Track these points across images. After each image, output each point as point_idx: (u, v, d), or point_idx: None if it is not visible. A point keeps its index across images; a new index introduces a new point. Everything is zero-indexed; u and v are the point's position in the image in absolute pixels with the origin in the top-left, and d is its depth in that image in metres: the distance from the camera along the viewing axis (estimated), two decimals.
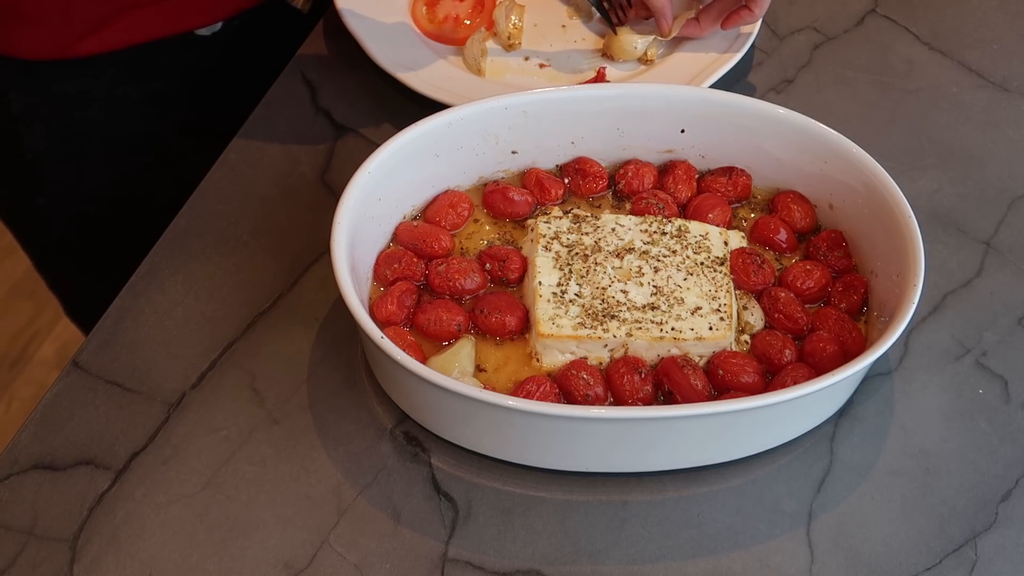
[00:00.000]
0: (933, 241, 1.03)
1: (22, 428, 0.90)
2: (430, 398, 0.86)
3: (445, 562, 0.84)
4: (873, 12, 1.28)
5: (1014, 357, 0.97)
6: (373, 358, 0.91)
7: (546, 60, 1.20)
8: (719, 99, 1.01)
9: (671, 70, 1.17)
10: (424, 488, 0.87)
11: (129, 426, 0.90)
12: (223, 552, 0.84)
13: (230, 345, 0.95)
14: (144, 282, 0.99)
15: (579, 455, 0.86)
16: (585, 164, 1.02)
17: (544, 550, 0.85)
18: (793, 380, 0.88)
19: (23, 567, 0.83)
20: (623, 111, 1.01)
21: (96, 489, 0.87)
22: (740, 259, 0.95)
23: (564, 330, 0.89)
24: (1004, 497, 0.89)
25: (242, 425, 0.90)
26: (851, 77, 1.21)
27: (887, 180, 0.94)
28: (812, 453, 0.90)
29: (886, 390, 0.94)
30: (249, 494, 0.87)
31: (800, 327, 0.93)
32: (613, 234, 0.95)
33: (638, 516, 0.87)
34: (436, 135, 0.97)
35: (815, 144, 0.99)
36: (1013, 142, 1.14)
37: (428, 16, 1.22)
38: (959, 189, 1.10)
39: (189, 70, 1.23)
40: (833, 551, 0.85)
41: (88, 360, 0.94)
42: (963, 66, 1.22)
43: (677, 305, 0.91)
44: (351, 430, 0.90)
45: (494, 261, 0.95)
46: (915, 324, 0.98)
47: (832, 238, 0.98)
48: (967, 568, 0.85)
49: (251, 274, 1.00)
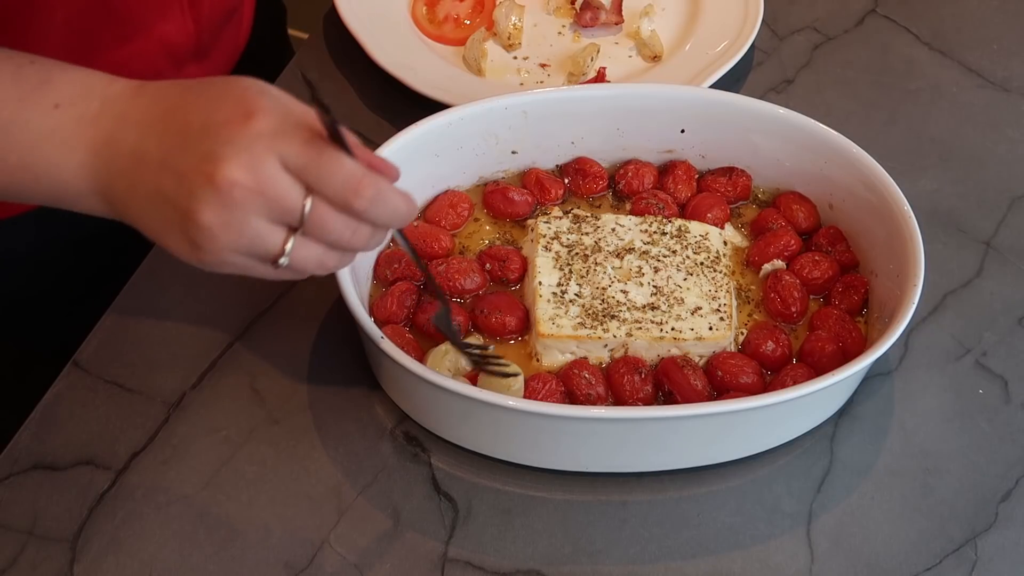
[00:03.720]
0: (933, 241, 1.03)
1: (22, 428, 0.89)
2: (430, 398, 0.86)
3: (445, 562, 0.84)
4: (873, 12, 1.28)
5: (1014, 357, 0.97)
6: (373, 358, 0.91)
7: (546, 60, 1.20)
8: (719, 99, 1.01)
9: (671, 70, 1.17)
10: (424, 488, 0.87)
11: (129, 426, 0.90)
12: (223, 552, 0.84)
13: (230, 345, 0.95)
14: (144, 282, 0.99)
15: (579, 455, 0.86)
16: (585, 164, 1.02)
17: (544, 550, 0.85)
18: (793, 380, 0.88)
19: (23, 567, 0.83)
20: (623, 111, 1.01)
21: (96, 489, 0.87)
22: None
23: (564, 330, 0.89)
24: (1004, 497, 0.89)
25: (242, 425, 0.90)
26: (851, 77, 1.21)
27: (887, 180, 0.94)
28: (812, 453, 0.90)
29: (886, 390, 0.94)
30: (249, 494, 0.87)
31: (791, 313, 0.93)
32: (613, 234, 0.95)
33: (638, 516, 0.87)
34: (436, 135, 0.97)
35: (815, 144, 0.99)
36: (1013, 142, 1.14)
37: (428, 16, 1.22)
38: (959, 189, 1.10)
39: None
40: (833, 551, 0.85)
41: (88, 360, 0.94)
42: (963, 66, 1.22)
43: (677, 305, 0.91)
44: (351, 430, 0.90)
45: (494, 261, 0.95)
46: (915, 324, 0.98)
47: (832, 234, 0.98)
48: (967, 568, 0.85)
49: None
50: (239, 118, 0.68)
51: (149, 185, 0.70)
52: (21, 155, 0.72)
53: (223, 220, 0.68)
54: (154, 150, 0.70)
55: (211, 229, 0.68)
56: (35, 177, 0.72)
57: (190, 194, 0.68)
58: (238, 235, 0.68)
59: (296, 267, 0.71)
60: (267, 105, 0.69)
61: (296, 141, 0.68)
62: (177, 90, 0.73)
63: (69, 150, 0.72)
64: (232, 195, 0.67)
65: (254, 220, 0.68)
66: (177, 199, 0.68)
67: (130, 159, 0.71)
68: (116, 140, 0.71)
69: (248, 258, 0.70)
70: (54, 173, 0.72)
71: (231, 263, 0.71)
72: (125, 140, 0.71)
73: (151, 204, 0.70)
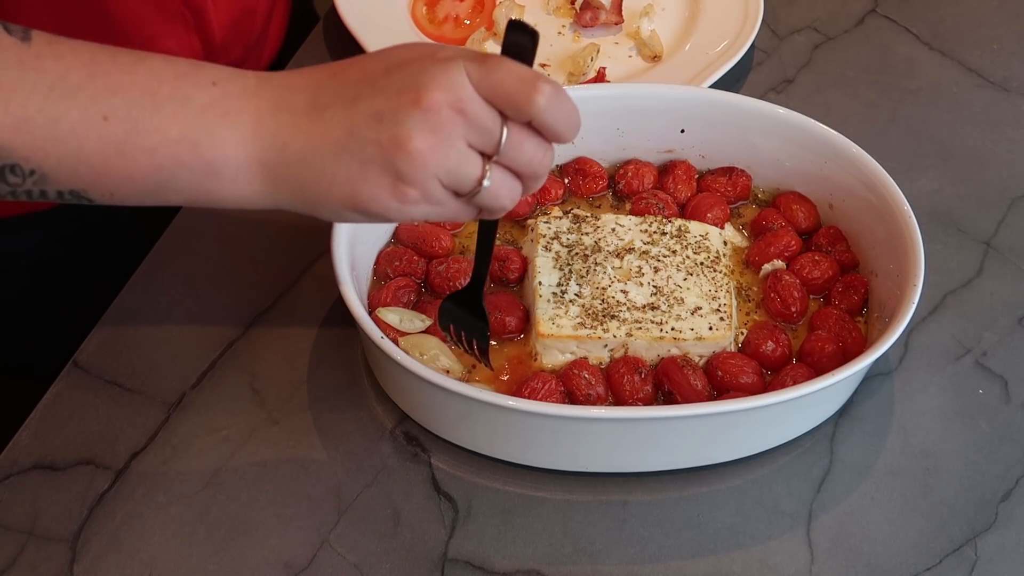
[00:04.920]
0: (933, 241, 1.03)
1: (22, 428, 0.89)
2: (430, 398, 0.86)
3: (445, 562, 0.84)
4: (873, 12, 1.28)
5: (1014, 357, 0.97)
6: (373, 358, 0.91)
7: (546, 60, 1.20)
8: (719, 99, 1.01)
9: (671, 70, 1.17)
10: (424, 488, 0.87)
11: (129, 426, 0.90)
12: (223, 552, 0.84)
13: (230, 345, 0.95)
14: (144, 282, 0.99)
15: (579, 455, 0.86)
16: (585, 164, 1.02)
17: (544, 550, 0.85)
18: (793, 380, 0.88)
19: (23, 567, 0.83)
20: (623, 111, 1.01)
21: (96, 489, 0.87)
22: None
23: (564, 330, 0.89)
24: (1004, 497, 0.89)
25: (242, 425, 0.90)
26: (851, 77, 1.21)
27: (887, 180, 0.94)
28: (812, 453, 0.90)
29: (886, 390, 0.94)
30: (249, 494, 0.87)
31: (791, 313, 0.93)
32: (613, 234, 0.95)
33: (638, 516, 0.87)
34: None
35: (815, 144, 0.99)
36: (1013, 142, 1.14)
37: (428, 16, 1.23)
38: (959, 189, 1.10)
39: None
40: (833, 551, 0.85)
41: (88, 360, 0.94)
42: (963, 66, 1.22)
43: (677, 305, 0.91)
44: (351, 430, 0.90)
45: (494, 261, 0.95)
46: (915, 324, 0.98)
47: (832, 234, 0.98)
48: (967, 568, 0.85)
49: (251, 274, 1.00)
50: (426, 54, 0.70)
51: (338, 131, 0.70)
52: (183, 128, 0.70)
53: (431, 143, 0.68)
54: (336, 99, 0.70)
55: (422, 154, 0.69)
56: (195, 150, 0.71)
57: (397, 123, 0.68)
58: (444, 158, 0.69)
59: (491, 195, 0.72)
60: (444, 44, 0.72)
61: (475, 58, 0.70)
62: (337, 63, 0.73)
63: (234, 120, 0.71)
64: (440, 116, 0.68)
65: (459, 143, 0.69)
66: (379, 133, 0.69)
67: (308, 115, 0.71)
68: (286, 103, 0.71)
69: (446, 191, 0.71)
70: (216, 144, 0.71)
71: (431, 194, 0.71)
72: (297, 101, 0.71)
73: (341, 152, 0.70)
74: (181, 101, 0.71)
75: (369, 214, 0.72)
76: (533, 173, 0.73)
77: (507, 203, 0.74)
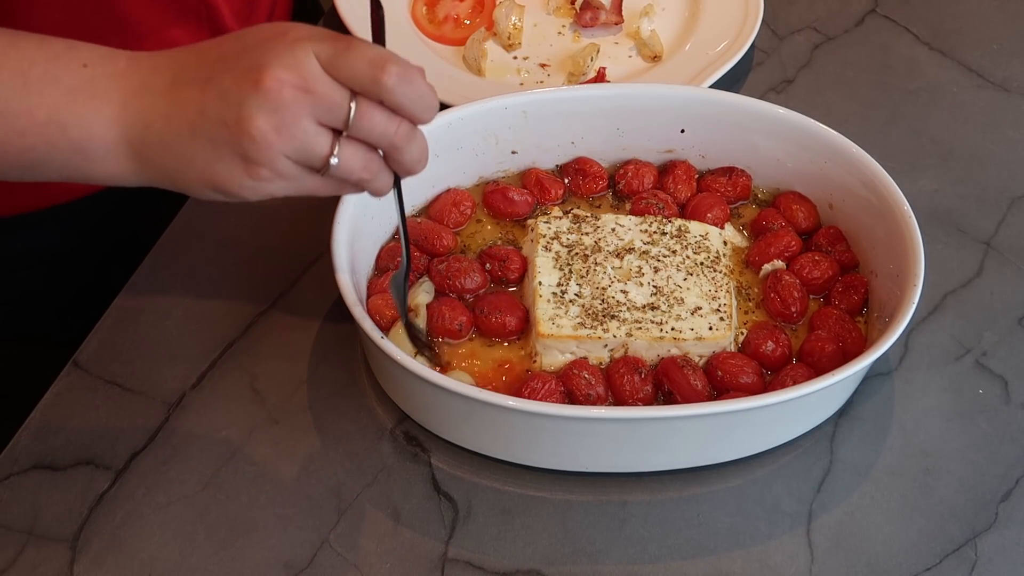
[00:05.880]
0: (933, 241, 1.03)
1: (22, 428, 0.90)
2: (430, 398, 0.86)
3: (445, 562, 0.84)
4: (873, 12, 1.28)
5: (1014, 357, 0.97)
6: (373, 358, 0.91)
7: (546, 60, 1.20)
8: (719, 99, 1.01)
9: (671, 70, 1.17)
10: (424, 488, 0.87)
11: (129, 426, 0.90)
12: (223, 552, 0.84)
13: (230, 345, 0.95)
14: (144, 282, 0.99)
15: (579, 455, 0.86)
16: (585, 164, 1.02)
17: (544, 550, 0.85)
18: (793, 380, 0.88)
19: (23, 567, 0.83)
20: (623, 111, 1.01)
21: (96, 489, 0.87)
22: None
23: (564, 330, 0.89)
24: (1004, 497, 0.89)
25: (242, 425, 0.90)
26: (851, 77, 1.21)
27: (887, 180, 0.94)
28: (812, 453, 0.90)
29: (886, 390, 0.94)
30: (249, 494, 0.87)
31: (791, 313, 0.93)
32: (613, 234, 0.95)
33: (638, 516, 0.87)
34: (436, 135, 0.96)
35: (815, 144, 0.99)
36: (1013, 142, 1.14)
37: (428, 16, 1.23)
38: (959, 189, 1.10)
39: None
40: (833, 551, 0.85)
41: (88, 360, 0.94)
42: (963, 66, 1.22)
43: (677, 305, 0.91)
44: (351, 430, 0.90)
45: (494, 261, 0.95)
46: (915, 324, 0.98)
47: (832, 234, 0.98)
48: (967, 568, 0.85)
49: (251, 274, 1.00)
50: (276, 34, 0.70)
51: (191, 112, 0.71)
52: (51, 110, 0.72)
53: (274, 124, 0.69)
54: (193, 80, 0.71)
55: (264, 135, 0.69)
56: (63, 131, 0.72)
57: (239, 104, 0.69)
58: (290, 137, 0.69)
59: (344, 170, 0.72)
60: (298, 24, 0.71)
61: (327, 38, 0.70)
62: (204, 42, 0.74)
63: (100, 102, 0.72)
64: (282, 96, 0.68)
65: (304, 121, 0.69)
66: (225, 114, 0.69)
67: (167, 96, 0.72)
68: (150, 85, 0.72)
69: (298, 167, 0.71)
70: (84, 125, 0.72)
71: (282, 172, 0.71)
72: (159, 82, 0.72)
73: (194, 134, 0.71)
74: (50, 83, 0.72)
75: (228, 193, 0.73)
76: (391, 144, 0.73)
77: (366, 175, 0.74)
